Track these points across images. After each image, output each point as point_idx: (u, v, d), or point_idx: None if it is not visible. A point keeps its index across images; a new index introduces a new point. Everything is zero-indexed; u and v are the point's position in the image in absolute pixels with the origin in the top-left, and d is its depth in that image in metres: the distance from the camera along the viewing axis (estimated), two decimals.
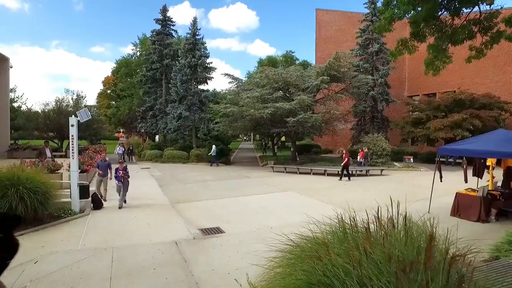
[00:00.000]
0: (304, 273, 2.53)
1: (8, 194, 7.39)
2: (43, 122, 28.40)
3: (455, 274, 2.11)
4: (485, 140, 8.47)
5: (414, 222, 3.46)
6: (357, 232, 2.93)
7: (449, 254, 2.35)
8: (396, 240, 2.61)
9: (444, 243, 3.19)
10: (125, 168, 10.60)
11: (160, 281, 5.33)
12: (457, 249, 2.88)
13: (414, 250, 2.36)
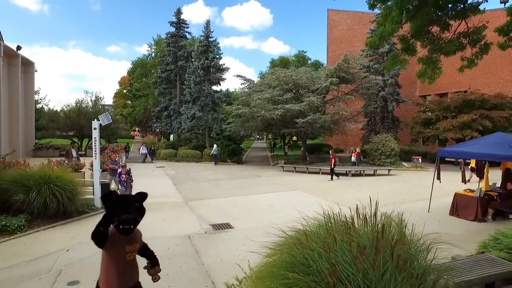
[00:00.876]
0: (289, 256, 3.17)
1: (42, 191, 8.28)
2: (64, 122, 29.76)
3: (398, 255, 2.70)
4: (482, 143, 8.87)
5: (391, 218, 4.03)
6: (337, 225, 3.54)
7: (394, 240, 2.93)
8: (362, 230, 3.21)
9: (410, 235, 3.78)
10: (128, 172, 10.37)
11: (175, 269, 6.04)
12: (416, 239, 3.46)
13: (373, 238, 2.95)
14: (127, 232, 3.06)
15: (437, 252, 3.41)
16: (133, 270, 3.26)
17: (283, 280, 2.87)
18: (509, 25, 6.76)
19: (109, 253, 3.06)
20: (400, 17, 5.37)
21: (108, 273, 3.11)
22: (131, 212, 3.04)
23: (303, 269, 2.90)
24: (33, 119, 24.15)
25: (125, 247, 3.11)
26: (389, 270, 2.65)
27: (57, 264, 6.14)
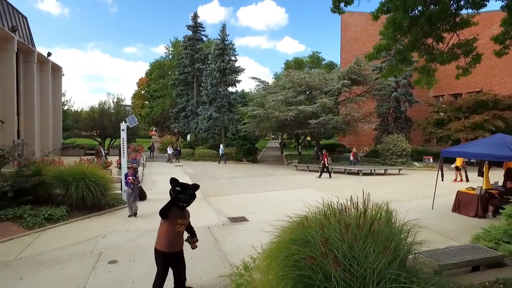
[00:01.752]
0: (293, 235, 4.00)
1: (79, 185, 9.37)
2: (88, 123, 31.37)
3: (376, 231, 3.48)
4: (483, 144, 9.42)
5: (381, 208, 4.77)
6: (333, 211, 4.33)
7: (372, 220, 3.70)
8: (350, 214, 4.00)
9: (396, 222, 4.52)
10: (134, 173, 9.74)
11: (198, 253, 6.90)
12: (400, 224, 4.21)
13: (357, 219, 3.74)
14: (181, 208, 4.57)
15: (432, 243, 4.17)
16: (179, 239, 4.71)
17: (287, 252, 3.70)
18: (503, 34, 7.36)
19: (166, 223, 4.53)
20: (394, 33, 6.07)
21: (161, 237, 4.56)
22: (186, 194, 4.57)
23: (303, 243, 3.72)
24: (60, 120, 25.70)
25: (177, 220, 4.58)
26: (369, 243, 3.44)
27: (97, 247, 7.15)
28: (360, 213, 3.83)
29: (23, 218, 8.35)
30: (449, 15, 6.22)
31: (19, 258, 6.45)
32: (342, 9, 6.71)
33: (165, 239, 4.55)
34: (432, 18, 6.09)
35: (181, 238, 4.78)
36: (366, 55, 7.02)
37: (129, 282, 5.51)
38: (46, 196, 9.72)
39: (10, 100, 16.07)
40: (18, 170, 9.53)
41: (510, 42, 7.59)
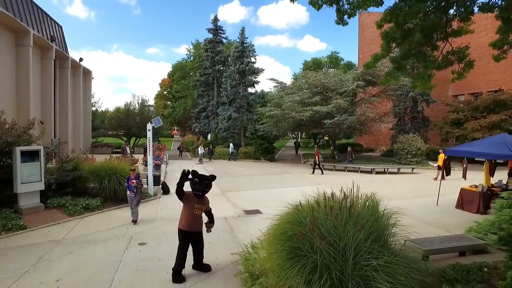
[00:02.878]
0: (289, 218, 4.87)
1: (112, 180, 10.57)
2: (115, 123, 33.23)
3: (355, 214, 4.29)
4: (485, 143, 9.88)
5: (370, 198, 5.53)
6: (326, 199, 5.14)
7: (350, 206, 4.51)
8: (336, 201, 4.81)
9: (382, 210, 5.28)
10: (137, 176, 9.26)
11: (215, 239, 7.90)
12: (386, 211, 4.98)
13: (340, 203, 4.56)
14: (198, 196, 5.66)
15: (429, 235, 4.94)
16: (198, 221, 5.80)
17: (283, 230, 4.58)
18: (501, 40, 7.89)
19: (185, 206, 5.69)
20: (388, 45, 6.76)
21: (182, 218, 5.72)
22: (202, 185, 5.64)
23: (297, 223, 4.58)
24: (90, 121, 27.50)
25: (194, 204, 5.66)
26: (349, 223, 4.27)
27: (128, 232, 8.26)
28: (342, 199, 4.64)
29: (66, 207, 9.63)
30: (441, 26, 6.86)
31: (66, 238, 7.65)
32: (345, 20, 7.47)
33: (184, 220, 5.69)
34: (424, 29, 6.76)
35: (199, 220, 5.79)
36: (364, 64, 7.74)
37: (156, 259, 6.53)
38: (83, 189, 11.01)
39: (48, 104, 17.69)
40: (60, 165, 10.86)
41: (508, 48, 8.13)
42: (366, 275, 4.05)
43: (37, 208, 9.43)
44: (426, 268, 5.17)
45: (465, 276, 4.47)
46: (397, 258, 4.25)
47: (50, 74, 17.71)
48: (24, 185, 9.14)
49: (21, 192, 9.13)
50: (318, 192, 5.45)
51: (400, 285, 3.95)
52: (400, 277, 4.01)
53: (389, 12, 6.59)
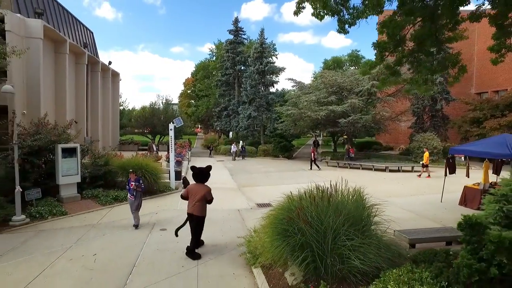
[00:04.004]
0: (282, 206, 5.77)
1: (138, 173, 11.78)
2: (141, 121, 35.06)
3: (334, 203, 5.13)
4: (485, 143, 10.31)
5: (357, 191, 6.31)
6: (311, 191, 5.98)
7: (329, 196, 5.34)
8: (321, 192, 5.65)
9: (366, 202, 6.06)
10: (137, 179, 8.89)
11: (227, 227, 8.92)
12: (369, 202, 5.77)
13: (321, 194, 5.40)
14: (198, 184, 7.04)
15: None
16: (194, 206, 6.88)
17: (276, 215, 5.50)
18: (498, 45, 8.37)
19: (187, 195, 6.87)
20: (381, 54, 7.44)
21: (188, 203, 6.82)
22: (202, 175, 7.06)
23: (287, 209, 5.49)
24: (118, 120, 29.32)
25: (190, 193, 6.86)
26: (330, 210, 5.12)
27: (152, 220, 9.43)
28: (324, 191, 5.49)
29: (98, 197, 10.96)
30: (431, 35, 7.48)
31: (99, 223, 8.92)
32: (346, 29, 8.22)
33: (190, 206, 7.02)
34: (416, 38, 7.42)
35: (196, 206, 6.87)
36: (359, 71, 8.43)
37: (174, 242, 7.59)
38: (112, 182, 12.35)
39: (81, 105, 19.35)
40: (93, 161, 12.24)
41: (506, 51, 8.60)
42: (342, 253, 4.90)
43: (75, 198, 10.83)
44: (405, 253, 5.95)
45: (431, 258, 5.18)
46: (370, 240, 5.07)
47: (83, 77, 19.35)
48: (64, 178, 10.55)
49: (62, 184, 10.55)
50: (310, 185, 6.29)
51: (369, 261, 4.78)
52: (370, 255, 4.83)
53: (382, 25, 7.29)
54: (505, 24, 7.78)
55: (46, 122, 11.03)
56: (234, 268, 6.23)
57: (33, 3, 16.24)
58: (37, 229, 8.44)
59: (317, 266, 4.92)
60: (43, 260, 6.42)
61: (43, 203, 9.68)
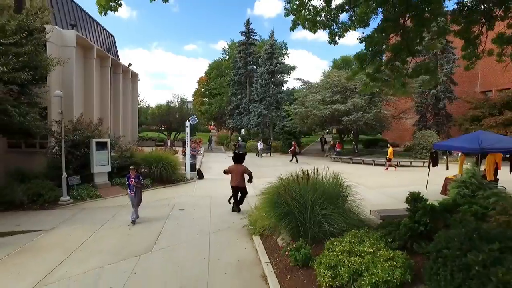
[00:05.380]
0: (276, 184, 7.43)
1: (159, 165, 13.66)
2: (157, 119, 37.18)
3: (312, 182, 6.74)
4: (464, 139, 11.69)
5: (336, 176, 7.90)
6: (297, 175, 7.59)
7: (309, 175, 6.94)
8: (309, 175, 7.26)
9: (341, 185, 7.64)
10: (137, 175, 8.90)
11: None
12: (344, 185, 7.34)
13: (303, 176, 7.01)
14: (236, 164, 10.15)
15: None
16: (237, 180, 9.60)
17: (270, 191, 7.15)
18: (468, 54, 9.75)
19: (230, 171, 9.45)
20: (362, 64, 8.92)
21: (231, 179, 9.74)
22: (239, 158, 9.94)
23: (278, 187, 7.13)
24: (136, 117, 31.42)
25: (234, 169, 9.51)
26: (309, 187, 6.74)
27: (171, 203, 11.22)
28: (303, 173, 7.11)
29: (125, 185, 12.80)
30: (403, 48, 8.94)
31: (128, 205, 10.68)
32: (336, 41, 9.73)
33: (232, 180, 9.79)
34: (392, 50, 8.89)
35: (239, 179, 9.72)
36: (346, 77, 9.91)
37: (190, 219, 9.34)
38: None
39: (105, 104, 21.36)
40: (120, 153, 14.14)
41: (475, 60, 9.95)
42: (318, 220, 6.52)
43: (106, 185, 12.74)
44: (373, 224, 7.51)
45: (388, 225, 6.72)
46: (339, 210, 6.66)
47: (107, 79, 21.34)
48: (97, 167, 12.46)
49: (96, 172, 12.48)
50: (299, 170, 7.90)
51: (338, 226, 6.38)
52: (339, 222, 6.43)
53: (360, 40, 8.77)
54: (470, 38, 9.17)
55: (82, 120, 12.97)
56: (238, 236, 7.91)
57: (67, 15, 18.26)
58: (80, 207, 10.38)
59: (299, 230, 6.54)
60: (91, 228, 8.28)
61: (81, 188, 11.61)
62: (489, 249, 3.68)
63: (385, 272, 4.62)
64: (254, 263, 6.38)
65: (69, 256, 6.54)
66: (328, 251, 5.39)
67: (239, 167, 10.25)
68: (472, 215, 5.71)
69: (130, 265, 6.14)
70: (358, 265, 4.85)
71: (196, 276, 5.77)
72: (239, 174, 10.08)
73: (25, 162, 13.71)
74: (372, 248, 5.26)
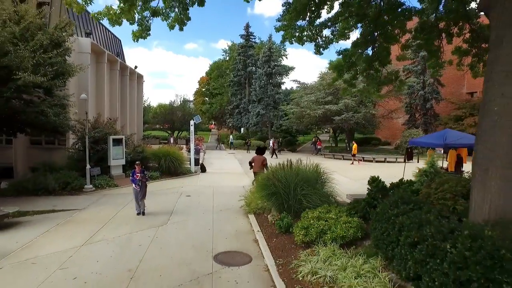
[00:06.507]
0: (266, 173, 9.20)
1: (166, 159, 15.43)
2: (161, 118, 39.00)
3: (296, 168, 8.50)
4: (434, 136, 13.43)
5: (317, 166, 9.65)
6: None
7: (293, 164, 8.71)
8: (292, 164, 9.02)
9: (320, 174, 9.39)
10: (142, 170, 9.38)
11: (235, 195, 12.33)
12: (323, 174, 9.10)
13: (288, 164, 8.77)
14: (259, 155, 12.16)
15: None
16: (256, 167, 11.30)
17: (262, 178, 8.93)
18: (432, 63, 11.48)
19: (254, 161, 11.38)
20: (339, 73, 10.63)
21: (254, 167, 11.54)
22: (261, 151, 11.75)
23: (267, 173, 8.89)
24: (142, 117, 33.17)
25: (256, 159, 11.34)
26: (292, 173, 8.51)
27: (179, 191, 12.99)
28: (287, 162, 8.88)
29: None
30: (376, 59, 10.68)
31: None
32: (321, 52, 11.47)
33: (254, 167, 11.43)
34: (365, 61, 10.62)
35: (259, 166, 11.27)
36: (329, 83, 11.64)
37: (196, 202, 11.11)
38: (147, 165, 15.97)
39: (114, 104, 23.10)
40: (133, 148, 15.90)
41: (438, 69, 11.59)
42: (299, 198, 8.27)
43: (121, 176, 14.51)
44: (346, 204, 9.25)
45: (354, 203, 8.46)
46: (316, 191, 8.41)
47: (116, 81, 23.08)
48: (114, 161, 14.23)
49: (112, 165, 14.24)
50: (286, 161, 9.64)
51: (314, 203, 8.13)
52: (314, 199, 8.18)
53: (338, 53, 10.52)
54: (432, 50, 10.89)
55: (99, 119, 14.75)
56: (236, 215, 9.68)
57: (81, 22, 20.00)
58: (101, 194, 12.17)
59: (283, 206, 8.29)
60: (114, 208, 10.06)
61: (100, 178, 13.38)
62: (403, 207, 5.44)
63: (342, 231, 6.39)
64: (248, 232, 8.14)
65: (103, 226, 8.31)
66: (303, 218, 7.16)
67: (260, 158, 12.22)
68: (411, 192, 7.48)
69: (152, 232, 7.90)
70: (323, 226, 6.62)
71: (203, 240, 7.52)
72: (259, 162, 11.98)
73: (45, 156, 15.56)
74: (336, 215, 7.02)
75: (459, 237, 4.06)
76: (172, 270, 5.88)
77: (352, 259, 5.60)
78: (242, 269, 5.99)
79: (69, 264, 6.02)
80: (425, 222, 4.67)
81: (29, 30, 10.63)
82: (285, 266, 5.95)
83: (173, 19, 6.95)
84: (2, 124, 10.83)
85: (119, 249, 6.85)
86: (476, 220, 4.85)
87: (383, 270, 5.22)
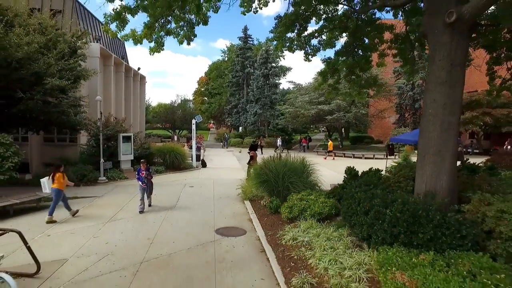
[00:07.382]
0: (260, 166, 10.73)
1: (171, 155, 16.93)
2: (163, 118, 40.47)
3: (284, 162, 10.03)
4: (413, 134, 14.94)
5: (306, 161, 11.18)
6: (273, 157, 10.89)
7: (281, 157, 10.24)
8: (281, 156, 10.54)
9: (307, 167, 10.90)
10: (148, 168, 9.80)
11: (232, 187, 13.85)
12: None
13: (278, 158, 10.28)
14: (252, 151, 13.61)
15: None
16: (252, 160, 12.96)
17: (256, 168, 10.44)
18: (408, 69, 13.01)
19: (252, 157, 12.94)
20: (324, 78, 12.14)
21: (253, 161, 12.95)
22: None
23: (262, 165, 10.42)
24: (144, 116, 34.63)
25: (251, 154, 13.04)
26: (282, 165, 10.03)
27: (183, 182, 14.49)
28: (277, 156, 10.39)
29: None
30: (354, 66, 12.17)
31: None
32: (310, 59, 12.98)
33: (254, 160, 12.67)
34: (347, 67, 12.14)
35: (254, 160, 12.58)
36: (315, 86, 13.15)
37: (199, 192, 12.61)
38: (152, 161, 17.47)
39: (119, 104, 24.57)
40: (141, 145, 17.38)
41: (414, 75, 13.13)
42: (287, 185, 9.78)
43: (129, 170, 15.99)
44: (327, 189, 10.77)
45: (332, 189, 9.96)
46: (301, 179, 9.93)
47: (121, 83, 24.55)
48: (123, 156, 15.71)
49: (122, 160, 15.72)
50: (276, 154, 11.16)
51: (299, 189, 9.63)
52: (300, 186, 9.70)
53: (322, 61, 12.02)
54: (406, 58, 12.39)
55: (109, 118, 16.25)
56: (234, 201, 11.18)
57: (90, 29, 21.45)
58: (114, 185, 13.67)
59: (273, 192, 9.80)
60: (128, 196, 11.57)
61: (112, 172, 14.87)
62: (365, 188, 6.97)
63: (320, 208, 7.91)
64: (244, 214, 9.65)
65: (121, 209, 9.83)
66: (289, 200, 8.69)
67: (254, 153, 14.69)
68: (376, 178, 9.02)
69: (163, 214, 9.41)
70: (304, 205, 8.14)
71: (206, 219, 9.03)
72: (256, 156, 14.35)
73: (57, 153, 17.08)
74: (316, 197, 8.54)
75: (395, 204, 5.59)
76: (182, 239, 7.40)
77: (326, 229, 7.13)
78: (238, 239, 7.50)
79: (100, 234, 7.54)
80: (374, 195, 6.21)
81: (51, 39, 12.11)
82: (273, 236, 7.47)
83: (182, 36, 8.45)
84: (29, 123, 12.30)
85: (138, 225, 8.37)
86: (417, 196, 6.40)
87: (348, 236, 6.76)
